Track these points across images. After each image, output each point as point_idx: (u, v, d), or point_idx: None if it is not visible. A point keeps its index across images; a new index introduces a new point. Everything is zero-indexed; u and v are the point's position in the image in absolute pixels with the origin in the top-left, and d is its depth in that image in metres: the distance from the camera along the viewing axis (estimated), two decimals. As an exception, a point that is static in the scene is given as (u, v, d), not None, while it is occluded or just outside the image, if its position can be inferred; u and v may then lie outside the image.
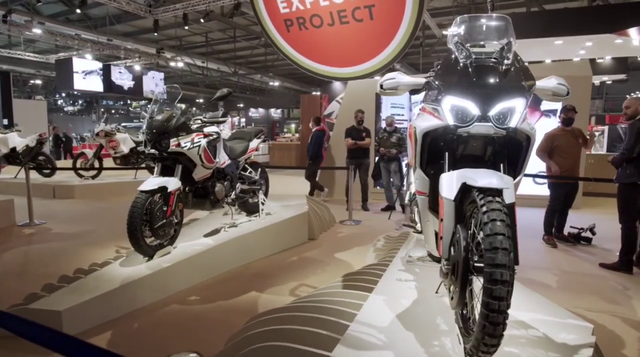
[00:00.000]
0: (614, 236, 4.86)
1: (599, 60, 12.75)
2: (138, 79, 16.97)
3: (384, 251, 3.93)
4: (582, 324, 2.08)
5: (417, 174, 2.18)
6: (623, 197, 3.97)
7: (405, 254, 3.36)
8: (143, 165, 8.41)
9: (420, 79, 2.25)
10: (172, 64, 18.07)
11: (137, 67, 17.02)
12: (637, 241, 3.99)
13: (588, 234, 4.91)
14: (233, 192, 4.20)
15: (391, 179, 6.68)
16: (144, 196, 3.26)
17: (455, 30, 2.05)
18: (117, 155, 7.88)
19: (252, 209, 4.63)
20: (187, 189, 3.79)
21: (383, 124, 7.89)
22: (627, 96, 4.39)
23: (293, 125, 24.11)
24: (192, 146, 3.53)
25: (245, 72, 22.39)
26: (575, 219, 5.23)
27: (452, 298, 1.76)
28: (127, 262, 3.40)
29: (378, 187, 7.64)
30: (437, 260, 3.16)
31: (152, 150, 3.45)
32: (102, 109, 24.01)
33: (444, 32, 16.17)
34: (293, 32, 8.29)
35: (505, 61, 1.85)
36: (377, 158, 6.84)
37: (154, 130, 3.40)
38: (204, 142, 3.63)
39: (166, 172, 3.58)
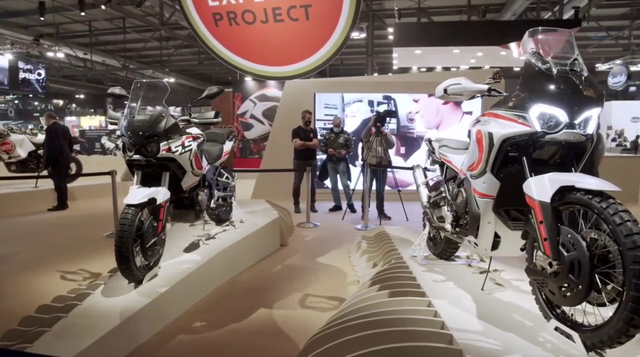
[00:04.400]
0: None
1: (485, 68, 14.51)
2: (12, 71, 14.27)
3: (377, 252, 3.91)
4: None
5: (486, 178, 2.22)
6: None
7: (411, 254, 3.41)
8: (45, 172, 7.12)
9: (483, 86, 2.30)
10: (50, 54, 15.63)
11: (9, 56, 14.31)
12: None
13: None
14: (212, 200, 3.79)
15: (338, 179, 6.73)
16: (133, 211, 2.74)
17: (529, 41, 2.13)
18: (12, 161, 6.52)
19: (223, 217, 4.24)
20: (167, 199, 3.30)
21: (319, 124, 7.91)
22: None
23: (192, 125, 22.75)
24: (183, 151, 3.08)
25: (136, 67, 20.45)
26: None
27: (565, 296, 1.82)
28: (110, 290, 2.82)
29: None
30: (445, 258, 3.30)
31: (137, 156, 2.92)
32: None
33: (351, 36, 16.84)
34: (222, 27, 7.82)
35: (584, 72, 1.99)
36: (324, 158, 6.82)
37: (140, 133, 2.87)
38: (194, 146, 3.20)
39: (147, 180, 3.06)
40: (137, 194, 2.82)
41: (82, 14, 11.40)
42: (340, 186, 6.78)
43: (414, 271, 3.00)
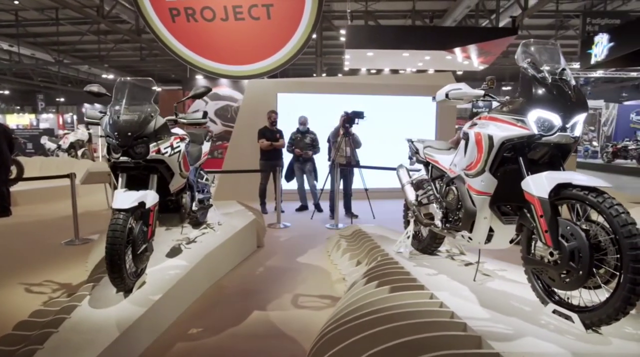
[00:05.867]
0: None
1: (429, 72, 15.21)
2: None
3: (358, 250, 4.00)
4: None
5: (485, 176, 2.38)
6: None
7: (396, 250, 3.53)
8: (-19, 176, 6.45)
9: (480, 92, 2.46)
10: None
11: None
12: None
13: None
14: (194, 203, 3.69)
15: (305, 179, 6.77)
16: (123, 216, 2.61)
17: (524, 52, 2.32)
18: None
19: (201, 220, 4.12)
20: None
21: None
22: None
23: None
24: (172, 152, 2.97)
25: (70, 62, 19.07)
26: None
27: (565, 282, 2.01)
28: (97, 301, 2.66)
29: None
30: (429, 253, 3.46)
31: (124, 158, 2.77)
32: None
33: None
34: (179, 22, 7.55)
35: (572, 81, 2.21)
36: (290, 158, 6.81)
37: (129, 134, 2.73)
38: (183, 146, 3.10)
39: (132, 184, 2.91)
40: (126, 198, 2.69)
41: (16, 2, 10.43)
42: (306, 186, 6.82)
43: (405, 266, 3.13)
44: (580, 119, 2.17)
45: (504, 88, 23.60)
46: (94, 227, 5.33)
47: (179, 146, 3.04)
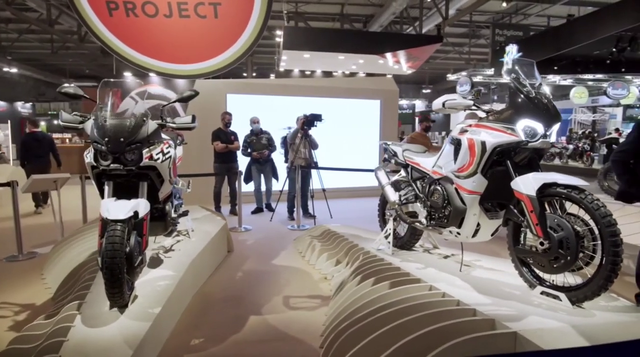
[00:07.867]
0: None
1: (361, 74, 15.77)
2: None
3: (336, 250, 4.12)
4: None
5: (476, 178, 2.65)
6: None
7: (377, 247, 3.73)
8: None
9: (469, 102, 2.73)
10: None
11: None
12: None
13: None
14: (172, 210, 3.55)
15: (263, 180, 6.74)
16: (121, 227, 2.47)
17: (511, 68, 2.62)
18: None
19: (174, 228, 3.96)
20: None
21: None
22: None
23: (43, 123, 19.49)
24: (163, 158, 2.86)
25: (-37, 52, 16.67)
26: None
27: (555, 267, 2.33)
28: (92, 319, 2.48)
29: None
30: (408, 248, 3.71)
31: (115, 165, 2.62)
32: None
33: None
34: (117, 17, 7.05)
35: (549, 95, 2.56)
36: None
37: (122, 139, 2.59)
38: (172, 152, 2.98)
39: (120, 192, 2.75)
40: (120, 207, 2.54)
41: None
42: (263, 188, 6.79)
43: (394, 262, 3.31)
44: (555, 127, 2.53)
45: (424, 91, 25.31)
46: (36, 239, 4.83)
47: (169, 152, 2.93)
